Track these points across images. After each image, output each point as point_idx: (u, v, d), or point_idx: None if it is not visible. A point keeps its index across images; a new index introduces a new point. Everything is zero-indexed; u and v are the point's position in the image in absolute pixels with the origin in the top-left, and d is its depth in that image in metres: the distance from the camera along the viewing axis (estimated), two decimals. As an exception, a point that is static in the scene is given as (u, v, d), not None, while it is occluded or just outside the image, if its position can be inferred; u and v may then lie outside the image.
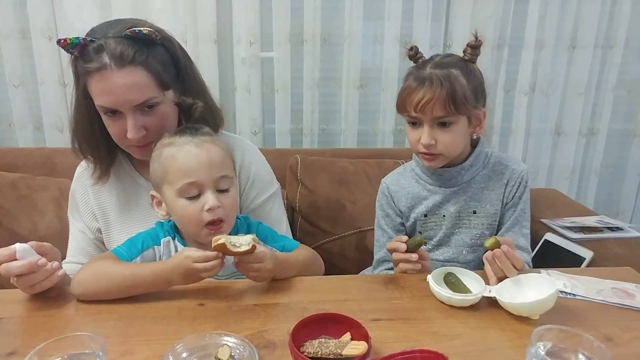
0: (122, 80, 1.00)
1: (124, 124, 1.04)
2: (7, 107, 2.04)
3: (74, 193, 1.24)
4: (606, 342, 0.83)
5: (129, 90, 1.01)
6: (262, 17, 2.03)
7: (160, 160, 0.99)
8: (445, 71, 1.10)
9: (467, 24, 2.11)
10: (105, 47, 0.99)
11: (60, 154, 1.74)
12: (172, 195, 0.98)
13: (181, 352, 0.76)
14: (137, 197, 1.20)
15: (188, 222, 0.99)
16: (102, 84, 1.00)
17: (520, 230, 1.23)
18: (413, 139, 1.17)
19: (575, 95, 2.27)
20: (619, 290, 1.02)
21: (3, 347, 0.79)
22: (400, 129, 2.23)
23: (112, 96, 1.01)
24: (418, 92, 1.10)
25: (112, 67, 0.99)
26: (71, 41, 0.99)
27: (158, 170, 0.99)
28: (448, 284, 1.00)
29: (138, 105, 1.03)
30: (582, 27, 2.18)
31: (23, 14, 1.93)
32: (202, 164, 0.97)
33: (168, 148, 0.99)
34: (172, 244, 1.04)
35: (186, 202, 0.97)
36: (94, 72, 1.00)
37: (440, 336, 0.85)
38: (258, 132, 2.15)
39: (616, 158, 2.44)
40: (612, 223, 1.75)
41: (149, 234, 1.05)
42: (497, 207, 1.23)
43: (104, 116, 1.06)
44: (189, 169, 0.96)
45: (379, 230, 1.32)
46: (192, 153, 0.97)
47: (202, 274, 0.92)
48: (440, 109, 1.10)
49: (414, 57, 1.18)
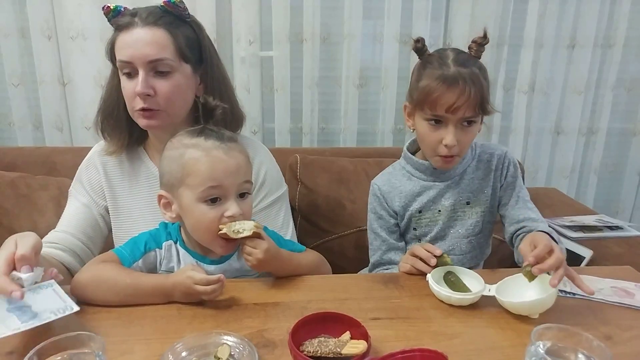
0: (143, 34, 1.06)
1: (135, 82, 1.07)
2: (6, 106, 2.04)
3: (84, 170, 1.24)
4: (606, 340, 0.83)
5: (147, 45, 1.06)
6: (262, 16, 2.03)
7: (182, 162, 0.95)
8: (470, 70, 1.08)
9: (466, 23, 2.11)
10: (138, 11, 1.09)
11: (60, 153, 1.74)
12: (190, 199, 0.95)
13: (181, 352, 0.76)
14: (149, 185, 1.21)
15: (204, 229, 0.96)
16: (125, 38, 1.07)
17: (526, 205, 1.23)
18: (434, 139, 1.13)
19: (575, 94, 2.27)
20: (618, 289, 1.02)
21: (2, 346, 0.79)
22: (399, 128, 2.23)
23: (131, 49, 1.06)
24: (452, 92, 1.06)
25: (138, 24, 1.07)
26: (114, 7, 1.08)
27: (177, 171, 0.95)
28: (448, 283, 1.00)
29: (152, 62, 1.06)
30: (582, 26, 2.18)
31: (22, 13, 1.92)
32: (230, 171, 0.95)
33: (193, 150, 0.95)
34: (174, 248, 1.03)
35: (206, 207, 0.94)
36: (122, 28, 1.07)
37: (439, 335, 0.85)
38: (257, 131, 2.15)
39: (616, 157, 2.45)
40: (612, 222, 1.75)
41: (151, 236, 1.04)
42: (488, 194, 1.23)
43: (122, 78, 1.10)
44: (216, 176, 0.93)
45: (372, 233, 1.30)
46: (221, 160, 0.94)
47: (203, 297, 0.92)
48: (471, 110, 1.08)
49: (421, 50, 1.15)
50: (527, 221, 1.19)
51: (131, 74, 1.08)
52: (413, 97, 1.15)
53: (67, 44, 1.95)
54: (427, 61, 1.14)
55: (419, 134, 1.18)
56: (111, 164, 1.22)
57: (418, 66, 1.17)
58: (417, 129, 1.17)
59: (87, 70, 1.96)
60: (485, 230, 1.25)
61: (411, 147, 1.30)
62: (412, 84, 1.17)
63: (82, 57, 1.96)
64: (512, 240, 1.21)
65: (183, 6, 1.10)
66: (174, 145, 0.98)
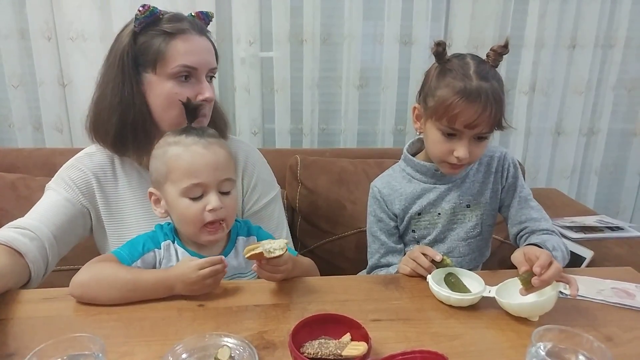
0: (203, 43, 1.12)
1: (194, 88, 1.11)
2: (6, 107, 2.04)
3: (70, 169, 1.17)
4: (606, 342, 0.83)
5: (208, 54, 1.13)
6: (262, 17, 2.03)
7: (165, 159, 0.99)
8: (491, 85, 1.05)
9: (467, 23, 2.11)
10: (181, 16, 1.12)
11: (60, 154, 1.73)
12: (174, 194, 0.98)
13: (181, 353, 0.76)
14: (141, 190, 1.19)
15: (188, 222, 0.99)
16: (188, 44, 1.09)
17: (528, 204, 1.22)
18: (445, 149, 1.11)
19: (576, 94, 2.27)
20: (619, 290, 1.02)
21: (3, 348, 0.79)
22: (400, 128, 2.23)
23: (197, 56, 1.10)
24: (472, 109, 1.04)
25: (193, 32, 1.10)
26: (151, 9, 1.07)
27: (161, 168, 1.00)
28: (448, 284, 1.00)
29: (212, 69, 1.15)
30: (582, 26, 2.18)
31: (22, 14, 1.92)
32: (209, 165, 0.98)
33: (174, 147, 0.99)
34: (172, 247, 1.04)
35: (189, 202, 0.98)
36: (178, 34, 1.08)
37: (440, 336, 0.85)
38: (258, 132, 2.15)
39: (616, 157, 2.45)
40: (613, 223, 1.75)
41: (149, 237, 1.05)
42: (487, 196, 1.23)
43: (174, 81, 1.09)
44: (195, 170, 0.97)
45: (371, 236, 1.29)
46: (199, 154, 0.98)
47: (207, 281, 0.92)
48: (487, 127, 1.07)
49: (441, 54, 1.11)
50: (529, 222, 1.19)
51: (187, 77, 1.10)
52: (427, 104, 1.12)
53: (67, 45, 1.95)
54: (447, 68, 1.10)
55: (428, 140, 1.15)
56: (102, 167, 1.18)
57: (437, 72, 1.12)
58: (428, 135, 1.15)
59: (86, 71, 1.96)
60: (484, 233, 1.25)
61: (411, 148, 1.29)
62: (428, 89, 1.12)
63: (82, 58, 1.95)
64: (516, 241, 1.22)
65: (209, 20, 1.18)
66: (160, 144, 1.03)
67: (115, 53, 1.10)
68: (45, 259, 1.04)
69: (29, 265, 1.00)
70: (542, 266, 0.89)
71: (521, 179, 1.24)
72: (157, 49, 1.08)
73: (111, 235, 1.19)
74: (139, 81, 1.10)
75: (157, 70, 1.09)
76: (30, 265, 1.00)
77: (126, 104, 1.09)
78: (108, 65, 1.12)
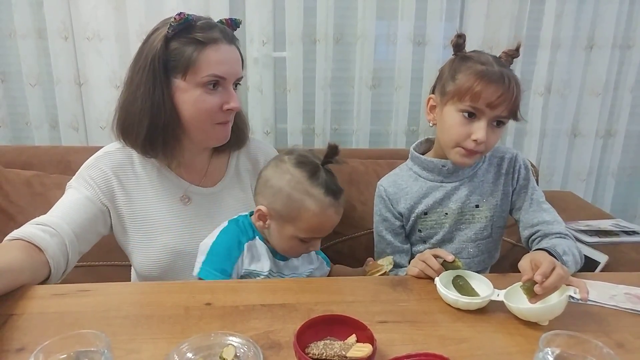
0: (232, 53, 1.15)
1: (222, 97, 1.13)
2: (23, 105, 2.07)
3: (91, 169, 1.19)
4: (617, 348, 0.82)
5: (236, 63, 1.16)
6: (275, 17, 2.03)
7: (299, 207, 1.05)
8: (511, 71, 1.10)
9: (481, 23, 2.09)
10: (213, 24, 1.13)
11: (75, 152, 1.76)
12: (289, 233, 1.08)
13: (186, 352, 0.76)
14: (162, 186, 1.22)
15: (286, 249, 1.12)
16: (218, 54, 1.11)
17: (540, 207, 1.21)
18: (463, 132, 1.11)
19: (592, 95, 2.24)
20: (632, 296, 1.00)
21: (13, 343, 0.80)
22: (413, 129, 2.22)
23: (226, 66, 1.12)
24: (496, 87, 1.07)
25: (224, 41, 1.12)
26: (186, 17, 1.09)
27: (291, 210, 1.06)
28: (456, 286, 0.99)
29: (237, 79, 1.17)
30: (600, 27, 2.15)
31: (40, 15, 1.95)
32: (332, 227, 1.11)
33: (313, 203, 1.05)
34: (257, 243, 1.12)
35: (298, 242, 1.09)
36: (210, 43, 1.10)
37: (447, 340, 0.84)
38: (270, 132, 2.16)
39: (634, 160, 2.40)
40: (629, 227, 1.72)
41: (233, 243, 1.10)
42: (498, 198, 1.21)
43: (202, 89, 1.11)
44: (321, 229, 1.09)
45: (377, 235, 1.29)
46: (331, 219, 1.08)
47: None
48: (507, 109, 1.09)
49: (461, 46, 1.15)
50: (541, 225, 1.17)
51: (215, 85, 1.12)
52: (446, 89, 1.13)
53: (83, 45, 1.97)
54: (466, 57, 1.13)
55: (445, 125, 1.14)
56: (122, 166, 1.20)
57: (455, 61, 1.15)
58: (445, 120, 1.14)
59: (102, 70, 1.98)
60: (494, 234, 1.24)
61: (418, 148, 1.28)
62: (445, 78, 1.15)
63: (98, 57, 1.98)
64: (529, 244, 1.20)
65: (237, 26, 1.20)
66: (296, 180, 1.07)
67: (147, 56, 1.10)
68: (65, 255, 1.05)
69: (48, 261, 1.00)
70: (544, 274, 0.87)
71: (533, 181, 1.23)
72: (188, 57, 1.08)
73: (133, 233, 1.20)
74: (169, 86, 1.11)
75: (187, 77, 1.10)
76: (50, 261, 1.01)
77: (157, 108, 1.10)
78: (137, 68, 1.11)
